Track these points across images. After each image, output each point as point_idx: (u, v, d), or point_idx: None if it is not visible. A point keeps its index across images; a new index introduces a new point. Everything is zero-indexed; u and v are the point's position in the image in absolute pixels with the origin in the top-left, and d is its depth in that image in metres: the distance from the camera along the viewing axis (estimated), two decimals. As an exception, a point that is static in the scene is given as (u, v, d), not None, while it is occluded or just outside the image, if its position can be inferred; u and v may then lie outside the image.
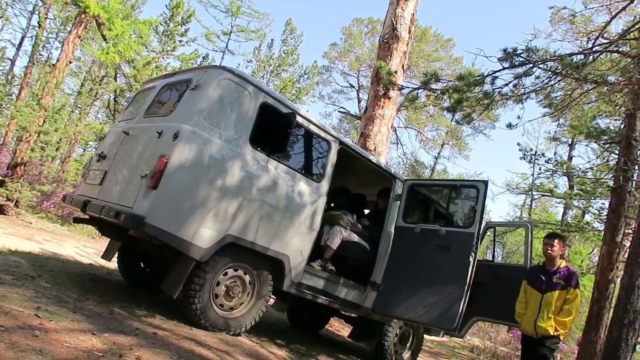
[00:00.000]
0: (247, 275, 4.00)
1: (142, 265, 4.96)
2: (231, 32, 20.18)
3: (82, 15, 12.26)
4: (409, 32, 8.89)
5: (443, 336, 8.14)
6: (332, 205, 5.63)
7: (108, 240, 4.88)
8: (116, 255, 4.70)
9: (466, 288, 4.45)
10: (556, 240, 4.34)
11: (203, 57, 16.62)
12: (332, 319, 7.02)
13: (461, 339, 11.16)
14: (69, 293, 3.55)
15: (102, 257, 4.74)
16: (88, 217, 4.44)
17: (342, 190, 5.74)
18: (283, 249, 4.11)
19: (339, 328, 7.77)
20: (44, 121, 11.75)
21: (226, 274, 3.88)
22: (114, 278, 5.15)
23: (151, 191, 3.42)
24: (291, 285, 4.26)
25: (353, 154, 4.93)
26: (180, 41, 15.25)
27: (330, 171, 4.57)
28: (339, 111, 26.24)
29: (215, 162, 3.67)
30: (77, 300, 3.39)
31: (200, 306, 3.67)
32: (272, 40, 22.09)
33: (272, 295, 4.31)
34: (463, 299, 4.44)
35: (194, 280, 3.65)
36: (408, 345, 5.63)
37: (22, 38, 22.97)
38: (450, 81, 7.15)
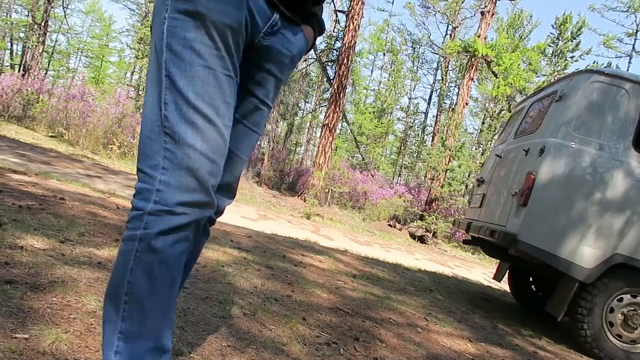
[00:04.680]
0: (652, 304, 3.38)
1: (533, 286, 4.90)
2: (637, 31, 17.43)
3: (472, 59, 13.42)
4: None
5: None
6: None
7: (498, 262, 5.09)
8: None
9: None
10: None
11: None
12: None
13: None
14: (459, 306, 3.92)
15: (493, 278, 4.98)
16: (472, 239, 4.79)
17: None
18: (703, 274, 3.27)
19: None
20: (449, 159, 13.30)
21: (621, 299, 3.40)
22: (506, 299, 5.27)
23: (521, 209, 3.45)
24: None
25: None
26: (572, 57, 14.33)
27: None
28: None
29: (590, 173, 3.36)
30: (464, 313, 3.71)
31: (590, 333, 3.35)
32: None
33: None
34: None
35: (580, 303, 3.40)
36: None
37: (431, 92, 26.90)
38: None
